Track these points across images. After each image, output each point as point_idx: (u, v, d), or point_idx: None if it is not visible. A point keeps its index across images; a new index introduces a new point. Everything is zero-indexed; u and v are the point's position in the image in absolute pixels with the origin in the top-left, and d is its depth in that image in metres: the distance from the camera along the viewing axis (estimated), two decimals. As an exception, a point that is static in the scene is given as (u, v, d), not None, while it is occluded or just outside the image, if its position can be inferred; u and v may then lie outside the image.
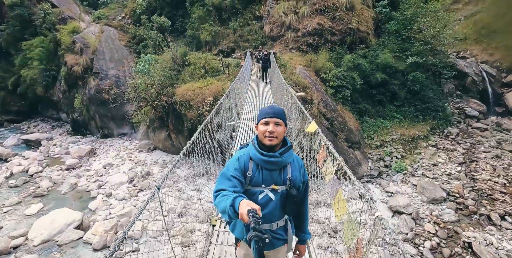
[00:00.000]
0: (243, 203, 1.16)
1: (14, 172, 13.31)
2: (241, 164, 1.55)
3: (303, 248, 1.88)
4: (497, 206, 9.38)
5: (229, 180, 1.47)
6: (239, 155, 1.61)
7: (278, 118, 1.52)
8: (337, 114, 11.39)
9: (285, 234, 1.67)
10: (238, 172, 1.51)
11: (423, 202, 9.39)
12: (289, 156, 1.57)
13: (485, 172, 11.34)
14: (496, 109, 17.31)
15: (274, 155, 1.51)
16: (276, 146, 1.54)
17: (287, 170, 1.58)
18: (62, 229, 8.78)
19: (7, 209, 10.31)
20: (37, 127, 22.00)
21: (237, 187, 1.44)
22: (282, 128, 1.54)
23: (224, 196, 1.36)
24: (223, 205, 1.27)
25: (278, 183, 1.56)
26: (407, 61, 14.87)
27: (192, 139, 3.14)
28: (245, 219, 1.05)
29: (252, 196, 1.55)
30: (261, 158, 1.51)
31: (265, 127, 1.53)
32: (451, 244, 7.86)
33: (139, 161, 12.90)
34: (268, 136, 1.50)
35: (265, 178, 1.54)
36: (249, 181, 1.54)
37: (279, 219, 1.61)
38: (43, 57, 20.02)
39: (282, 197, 1.56)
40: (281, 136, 1.54)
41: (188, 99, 10.69)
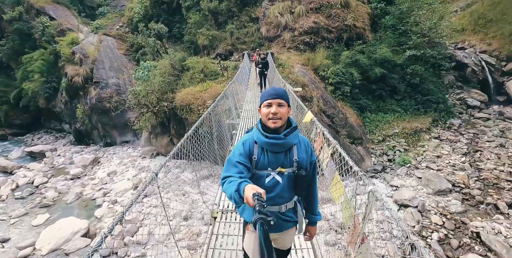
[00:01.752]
0: (248, 187, 1.17)
1: (19, 184, 13.40)
2: (246, 149, 1.54)
3: (314, 230, 1.87)
4: (503, 195, 9.29)
5: (235, 166, 1.47)
6: (243, 139, 1.60)
7: (280, 99, 1.49)
8: (338, 111, 11.40)
9: (295, 216, 1.67)
10: (243, 157, 1.50)
11: (428, 195, 9.32)
12: (295, 137, 1.54)
13: (490, 161, 11.25)
14: (498, 98, 17.20)
15: (279, 137, 1.48)
16: (281, 128, 1.51)
17: (293, 152, 1.56)
18: (69, 238, 8.81)
19: (14, 220, 10.37)
20: (40, 139, 22.21)
21: (243, 173, 1.45)
22: (285, 109, 1.51)
23: (230, 182, 1.37)
24: (229, 190, 1.29)
25: (285, 166, 1.54)
26: (405, 55, 14.87)
27: (189, 133, 3.18)
28: (250, 203, 1.06)
29: (259, 179, 1.54)
30: (266, 141, 1.49)
31: (268, 109, 1.50)
32: (459, 235, 7.79)
33: (142, 167, 12.96)
34: (272, 118, 1.48)
35: (271, 161, 1.53)
36: (255, 165, 1.53)
37: (287, 201, 1.60)
38: (43, 70, 20.29)
39: (290, 179, 1.56)
40: (285, 117, 1.51)
41: (189, 103, 10.77)
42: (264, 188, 1.40)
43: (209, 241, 3.08)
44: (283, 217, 1.62)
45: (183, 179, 9.80)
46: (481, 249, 7.35)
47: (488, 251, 7.26)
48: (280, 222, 1.61)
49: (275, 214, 1.57)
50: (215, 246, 3.02)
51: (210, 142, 4.20)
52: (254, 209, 0.98)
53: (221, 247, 3.02)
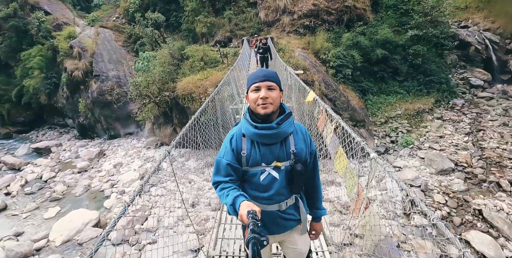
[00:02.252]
0: (243, 204, 1.13)
1: (28, 179, 13.65)
2: (233, 145, 1.37)
3: (319, 226, 1.68)
4: (506, 173, 9.34)
5: (223, 168, 1.36)
6: (231, 134, 1.42)
7: (270, 81, 1.29)
8: (340, 94, 11.36)
9: (297, 213, 1.49)
10: (230, 156, 1.35)
11: (431, 174, 9.40)
12: (289, 125, 1.34)
13: (493, 140, 11.25)
14: (502, 76, 16.99)
15: (270, 126, 1.28)
16: (273, 115, 1.31)
17: (290, 142, 1.37)
18: (81, 229, 9.08)
19: (26, 215, 10.63)
20: (45, 135, 22.45)
21: (232, 175, 1.35)
22: (276, 92, 1.31)
23: (223, 189, 1.32)
24: (224, 201, 1.26)
25: (281, 159, 1.35)
26: (407, 35, 14.64)
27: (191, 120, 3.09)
28: (245, 220, 1.02)
29: (252, 177, 1.38)
30: (255, 132, 1.30)
31: (256, 93, 1.29)
32: (462, 212, 7.91)
33: (148, 157, 13.14)
34: (262, 104, 1.27)
35: (264, 155, 1.34)
36: (246, 162, 1.35)
37: (287, 198, 1.43)
38: (43, 66, 20.23)
39: (288, 174, 1.38)
40: (277, 101, 1.31)
41: (190, 92, 10.78)
42: (259, 186, 1.36)
43: (217, 230, 3.03)
44: (284, 216, 1.46)
45: (188, 167, 9.96)
46: (483, 226, 7.48)
47: (490, 227, 7.39)
48: (281, 221, 1.47)
49: (274, 213, 1.43)
50: (223, 236, 2.94)
51: (213, 129, 4.24)
52: (247, 227, 0.94)
53: (229, 237, 2.94)
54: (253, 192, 1.40)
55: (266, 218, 1.40)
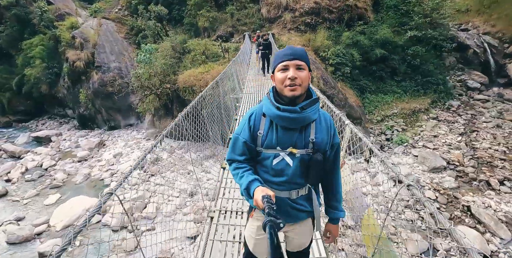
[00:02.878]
0: (258, 190, 1.13)
1: (28, 167, 13.79)
2: (251, 123, 1.33)
3: (335, 229, 1.55)
4: (496, 172, 9.64)
5: (239, 146, 1.34)
6: (251, 111, 1.37)
7: (299, 60, 1.19)
8: (338, 91, 11.58)
9: (308, 205, 1.41)
10: (247, 134, 1.32)
11: (424, 172, 9.69)
12: (314, 112, 1.26)
13: (485, 141, 11.54)
14: (499, 80, 17.26)
15: (294, 110, 1.21)
16: (300, 98, 1.23)
17: (310, 130, 1.29)
18: (81, 215, 9.31)
19: (26, 201, 10.81)
20: (45, 124, 22.55)
21: (247, 155, 1.34)
22: (306, 73, 1.21)
23: (237, 169, 1.33)
24: (239, 181, 1.28)
25: (298, 146, 1.28)
26: (406, 35, 14.82)
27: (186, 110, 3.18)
28: (260, 205, 1.03)
29: (265, 160, 1.33)
30: (277, 113, 1.23)
31: (283, 73, 1.20)
32: (451, 208, 8.20)
33: (147, 148, 13.33)
34: (290, 85, 1.18)
35: (281, 139, 1.28)
36: (261, 143, 1.30)
37: (299, 188, 1.36)
38: (44, 55, 20.27)
39: (303, 163, 1.29)
40: (306, 83, 1.22)
41: (191, 85, 10.98)
42: (271, 170, 1.32)
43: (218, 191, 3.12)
44: (294, 205, 1.38)
45: (187, 159, 10.16)
46: (471, 222, 7.77)
47: (478, 223, 7.68)
48: (290, 210, 1.39)
49: (284, 200, 1.37)
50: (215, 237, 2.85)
51: (212, 123, 4.41)
52: (263, 211, 0.96)
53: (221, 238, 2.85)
54: (264, 175, 1.35)
55: (276, 205, 1.31)
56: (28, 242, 8.51)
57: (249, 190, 1.19)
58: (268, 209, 0.94)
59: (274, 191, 1.29)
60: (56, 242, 8.07)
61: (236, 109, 6.34)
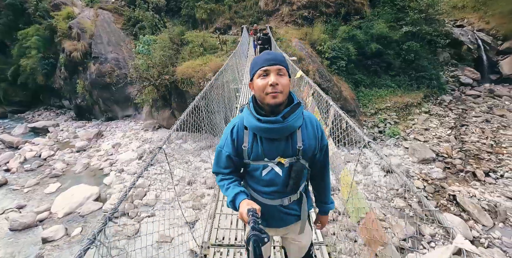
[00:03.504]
0: (243, 203, 1.13)
1: (27, 157, 13.84)
2: (233, 136, 1.28)
3: (325, 219, 1.64)
4: (482, 164, 10.07)
5: (223, 159, 1.32)
6: (232, 123, 1.31)
7: (280, 65, 1.14)
8: (333, 84, 11.86)
9: (299, 209, 1.41)
10: (230, 148, 1.28)
11: (413, 163, 10.09)
12: (297, 118, 1.19)
13: (474, 134, 11.96)
14: (491, 76, 17.65)
15: (276, 120, 1.15)
16: (281, 105, 1.17)
17: (297, 137, 1.24)
18: (82, 202, 9.52)
19: (27, 189, 10.92)
20: (41, 115, 22.44)
21: (232, 167, 1.33)
22: (286, 78, 1.16)
23: (223, 180, 1.32)
24: (225, 193, 1.28)
25: (286, 155, 1.24)
26: (402, 31, 15.06)
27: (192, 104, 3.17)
28: (245, 218, 1.03)
29: (254, 171, 1.30)
30: (257, 125, 1.17)
31: (264, 79, 1.14)
32: (438, 197, 8.62)
33: (145, 139, 13.55)
34: (271, 92, 1.12)
35: (267, 151, 1.23)
36: (247, 156, 1.27)
37: (291, 194, 1.35)
38: (40, 46, 20.10)
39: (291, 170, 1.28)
40: (287, 89, 1.16)
41: (189, 76, 11.15)
42: (261, 181, 1.30)
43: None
44: (286, 210, 1.38)
45: (185, 148, 10.42)
46: (456, 210, 8.19)
47: (462, 211, 8.10)
48: (282, 215, 1.39)
49: (276, 207, 1.36)
50: None
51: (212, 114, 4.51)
52: (248, 225, 0.96)
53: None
54: (254, 185, 1.35)
55: (266, 212, 1.33)
56: (31, 229, 8.70)
57: (235, 203, 1.19)
58: (253, 223, 0.93)
59: (265, 200, 1.33)
60: (59, 228, 8.33)
61: (237, 98, 6.77)
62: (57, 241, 8.06)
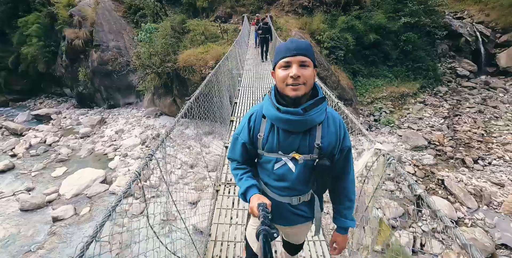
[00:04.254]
0: (254, 197, 1.14)
1: (32, 143, 14.11)
2: (251, 124, 1.25)
3: (343, 240, 1.42)
4: (472, 152, 10.52)
5: (238, 147, 1.31)
6: (252, 110, 1.29)
7: (304, 56, 1.08)
8: (331, 73, 12.15)
9: (309, 211, 1.36)
10: (246, 136, 1.26)
11: (406, 150, 10.53)
12: (320, 113, 1.14)
13: (466, 124, 12.38)
14: (488, 69, 17.88)
15: (295, 112, 1.10)
16: (303, 98, 1.12)
17: (316, 134, 1.17)
18: (89, 184, 9.95)
19: (34, 173, 11.25)
20: (43, 103, 22.59)
21: (246, 156, 1.32)
22: (310, 70, 1.10)
23: (237, 169, 1.33)
24: (237, 183, 1.30)
25: (302, 151, 1.19)
26: (400, 22, 15.23)
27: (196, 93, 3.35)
28: (255, 213, 1.03)
29: (266, 163, 1.27)
30: (277, 115, 1.13)
31: (285, 70, 1.09)
32: (427, 181, 9.09)
33: (148, 125, 13.90)
34: (292, 84, 1.07)
35: (283, 143, 1.19)
36: (262, 146, 1.23)
37: (301, 194, 1.29)
38: (41, 33, 20.09)
39: (307, 169, 1.21)
40: (311, 81, 1.11)
41: (191, 64, 11.42)
42: (272, 174, 1.27)
43: (212, 215, 3.08)
44: (295, 211, 1.34)
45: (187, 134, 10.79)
46: (443, 193, 8.67)
47: (449, 194, 8.57)
48: (290, 215, 1.35)
49: (285, 205, 1.32)
50: (219, 220, 2.98)
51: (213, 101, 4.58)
52: (258, 219, 0.96)
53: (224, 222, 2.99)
54: (265, 178, 1.32)
55: (274, 209, 1.25)
56: (41, 209, 9.11)
57: (246, 196, 1.20)
58: (263, 218, 0.93)
59: (274, 195, 1.30)
60: (68, 208, 8.79)
61: (239, 82, 7.21)
62: (67, 219, 8.52)
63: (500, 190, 8.70)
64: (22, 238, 8.04)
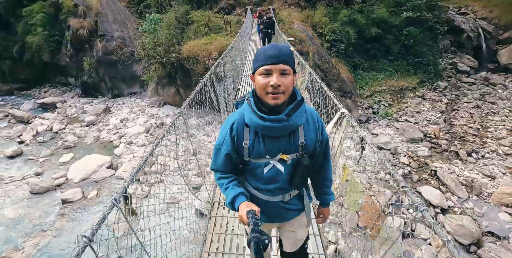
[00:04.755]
0: (242, 205, 1.15)
1: (39, 130, 14.42)
2: (233, 133, 1.24)
3: (327, 211, 1.61)
4: (466, 146, 10.83)
5: (221, 157, 1.29)
6: (231, 120, 1.26)
7: (284, 64, 1.08)
8: (331, 66, 12.39)
9: (300, 203, 1.43)
10: (229, 146, 1.25)
11: (402, 142, 10.87)
12: (301, 116, 1.18)
13: (463, 119, 12.65)
14: (489, 65, 17.98)
15: (280, 118, 1.12)
16: (283, 104, 1.14)
17: (299, 134, 1.23)
18: (96, 170, 10.36)
19: (42, 159, 11.62)
20: (47, 92, 22.85)
21: (229, 165, 1.32)
22: (290, 78, 1.10)
23: (222, 179, 1.33)
24: (224, 193, 1.29)
25: (288, 151, 1.23)
26: (402, 16, 15.34)
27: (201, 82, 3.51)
28: (244, 220, 1.04)
29: (255, 169, 1.29)
30: (261, 124, 1.14)
31: (265, 78, 1.09)
32: (421, 172, 9.45)
33: (152, 114, 14.25)
34: (272, 93, 1.09)
35: (270, 148, 1.22)
36: (248, 153, 1.24)
37: (292, 190, 1.35)
38: (45, 23, 20.25)
39: (294, 167, 1.28)
40: (290, 89, 1.12)
41: (195, 55, 11.67)
42: (262, 178, 1.29)
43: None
44: (287, 206, 1.39)
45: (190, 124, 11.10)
46: (436, 183, 9.03)
47: (441, 185, 8.93)
48: (283, 211, 1.40)
49: (277, 203, 1.37)
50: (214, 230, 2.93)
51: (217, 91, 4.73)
52: (248, 227, 0.97)
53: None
54: (254, 182, 1.34)
55: (268, 208, 1.35)
56: (50, 192, 9.53)
57: (234, 205, 1.21)
58: (253, 225, 0.94)
59: (266, 197, 1.33)
60: (76, 191, 9.21)
61: (242, 71, 7.59)
62: (75, 202, 8.95)
63: (491, 182, 9.04)
64: (34, 218, 8.47)
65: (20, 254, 7.48)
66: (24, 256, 7.42)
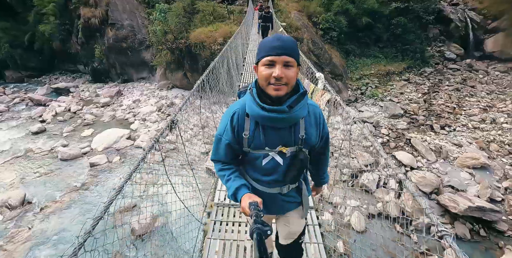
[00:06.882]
0: (245, 197, 1.17)
1: (58, 111, 15.68)
2: (234, 123, 1.22)
3: (319, 189, 1.75)
4: (441, 121, 12.24)
5: (222, 147, 1.28)
6: (232, 110, 1.24)
7: (288, 56, 1.05)
8: (324, 52, 13.72)
9: (298, 196, 1.44)
10: (230, 136, 1.23)
11: (384, 117, 12.32)
12: (303, 108, 1.16)
13: (442, 99, 14.05)
14: (475, 53, 19.16)
15: (281, 110, 1.10)
16: (285, 96, 1.11)
17: (300, 127, 1.21)
18: (117, 140, 11.78)
19: (65, 134, 12.92)
20: (58, 79, 23.95)
21: (230, 155, 1.31)
22: (294, 70, 1.08)
23: (223, 170, 1.33)
24: (225, 184, 1.31)
25: (288, 144, 1.23)
26: (391, 6, 16.55)
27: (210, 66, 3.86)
28: (247, 212, 1.06)
29: (254, 160, 1.29)
30: (262, 114, 1.12)
31: (268, 69, 1.07)
32: (397, 141, 10.90)
33: (162, 96, 15.64)
34: (274, 84, 1.06)
35: (269, 139, 1.20)
36: (248, 144, 1.23)
37: (290, 183, 1.36)
38: (57, 12, 21.32)
39: (292, 160, 1.27)
40: (293, 81, 1.10)
41: (202, 41, 13.00)
42: (261, 170, 1.31)
43: None
44: (285, 198, 1.41)
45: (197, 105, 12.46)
46: (409, 149, 10.43)
47: (414, 150, 10.35)
48: (282, 203, 1.42)
49: (276, 195, 1.38)
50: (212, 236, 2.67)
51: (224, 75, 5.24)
52: (251, 218, 0.98)
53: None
54: (254, 174, 1.36)
55: (267, 200, 1.32)
56: (78, 159, 10.96)
57: (236, 196, 1.23)
58: (256, 216, 0.96)
59: (264, 188, 1.36)
60: (102, 157, 10.69)
61: (244, 60, 8.88)
62: (102, 165, 10.42)
63: (458, 149, 10.50)
64: (66, 178, 9.91)
65: (59, 204, 8.98)
66: (63, 206, 8.92)
